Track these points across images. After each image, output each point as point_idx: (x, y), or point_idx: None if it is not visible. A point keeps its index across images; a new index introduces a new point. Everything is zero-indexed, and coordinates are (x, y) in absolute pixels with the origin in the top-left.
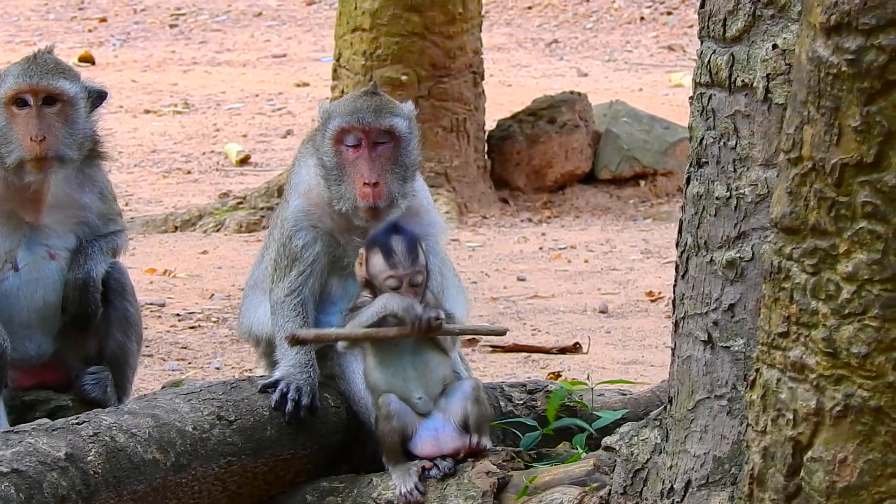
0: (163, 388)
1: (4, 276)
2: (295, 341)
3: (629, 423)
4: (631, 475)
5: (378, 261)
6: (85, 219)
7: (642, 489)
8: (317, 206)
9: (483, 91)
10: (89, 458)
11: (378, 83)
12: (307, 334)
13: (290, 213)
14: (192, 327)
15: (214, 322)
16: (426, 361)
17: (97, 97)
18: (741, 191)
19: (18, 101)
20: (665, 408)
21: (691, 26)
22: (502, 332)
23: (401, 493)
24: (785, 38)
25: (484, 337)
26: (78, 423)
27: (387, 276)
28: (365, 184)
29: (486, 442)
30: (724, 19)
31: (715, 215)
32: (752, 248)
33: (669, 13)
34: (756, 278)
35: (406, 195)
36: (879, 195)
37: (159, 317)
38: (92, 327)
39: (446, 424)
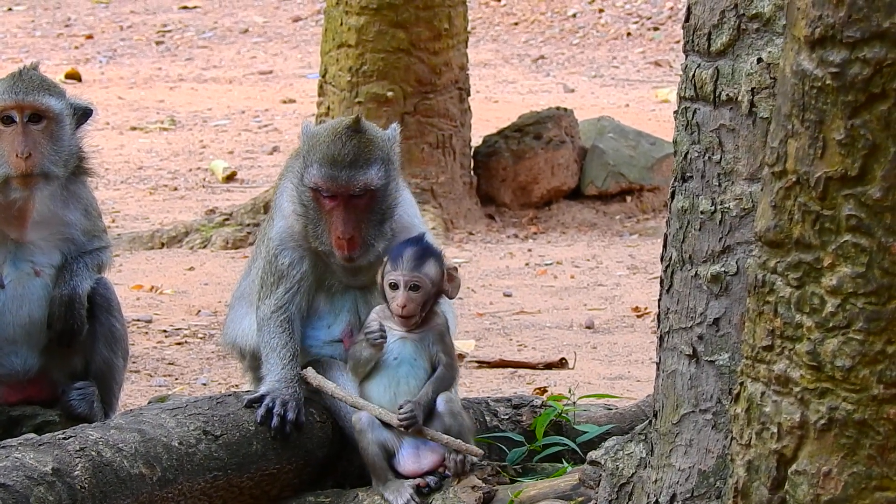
0: (149, 403)
1: None
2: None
3: (614, 437)
4: (616, 489)
5: (387, 264)
6: (70, 235)
7: (627, 503)
8: (301, 230)
9: (469, 107)
10: (76, 472)
11: (361, 117)
12: (314, 378)
13: (276, 234)
14: (178, 343)
15: (201, 338)
16: (420, 380)
17: (83, 114)
18: (726, 205)
19: (4, 117)
20: (650, 422)
21: (678, 42)
22: (479, 454)
23: None
24: (770, 52)
25: (469, 354)
26: (64, 438)
27: (388, 276)
28: (339, 238)
29: (470, 456)
30: (709, 33)
31: (699, 229)
32: (736, 263)
33: (656, 29)
34: (741, 292)
35: (384, 235)
36: (864, 209)
37: (146, 333)
38: (78, 343)
39: (427, 441)
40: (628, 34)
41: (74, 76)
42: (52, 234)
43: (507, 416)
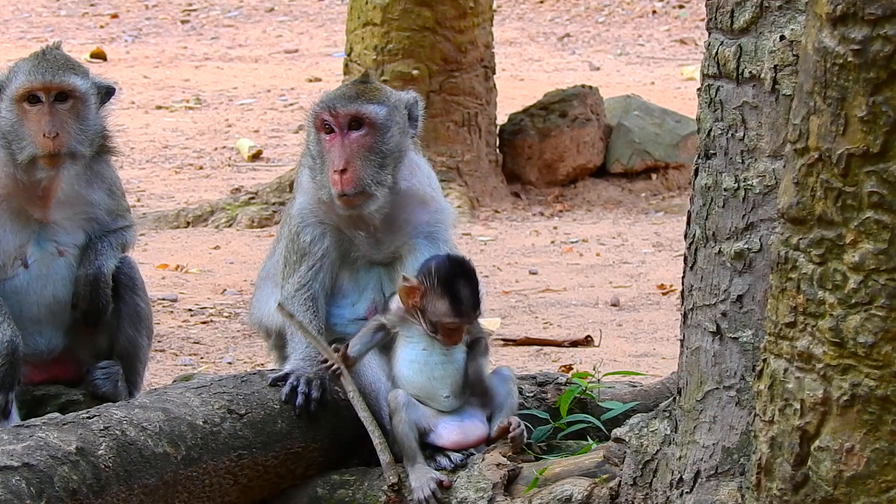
0: (174, 382)
1: (15, 273)
2: None
3: (639, 414)
4: (641, 466)
5: (443, 305)
6: (93, 215)
7: (652, 480)
8: (321, 203)
9: (494, 85)
10: (100, 451)
11: (371, 73)
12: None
13: (296, 210)
14: (204, 322)
15: (226, 317)
16: (456, 361)
17: (106, 93)
18: (749, 182)
19: (31, 97)
20: (674, 399)
21: (703, 20)
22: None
23: (417, 499)
24: (792, 29)
25: (495, 332)
26: (89, 418)
27: (448, 321)
28: (334, 171)
29: (522, 424)
30: (732, 11)
31: (723, 206)
32: (760, 239)
33: (681, 7)
34: (764, 269)
35: (383, 183)
36: (886, 185)
37: (171, 312)
38: (103, 323)
39: (472, 415)
40: (654, 12)
41: (100, 55)
42: (75, 214)
43: (532, 394)
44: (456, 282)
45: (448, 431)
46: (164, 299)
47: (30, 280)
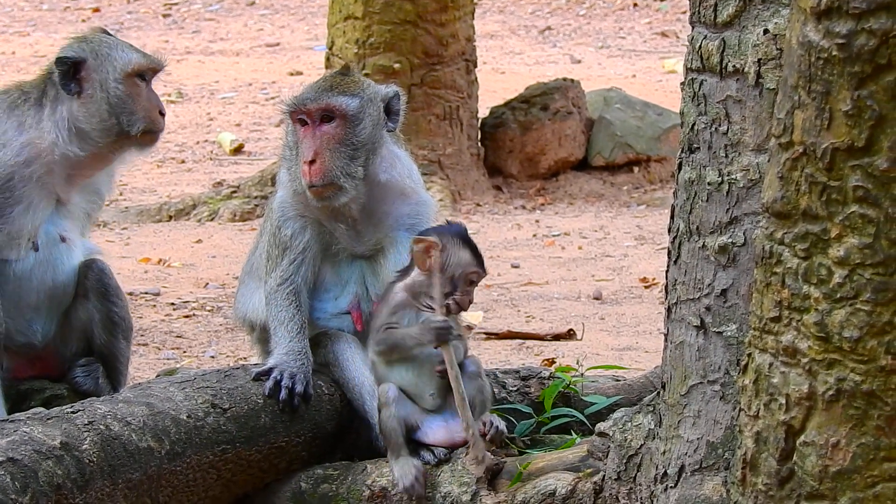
0: (157, 376)
1: (26, 255)
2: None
3: (623, 408)
4: (625, 461)
5: (466, 255)
6: (91, 208)
7: (636, 474)
8: (300, 196)
9: (476, 78)
10: (84, 446)
11: (352, 66)
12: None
13: (277, 204)
14: (186, 316)
15: (209, 311)
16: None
17: None
18: (733, 176)
19: (140, 75)
20: (658, 393)
21: (684, 12)
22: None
23: (403, 486)
24: (776, 23)
25: (477, 326)
26: (73, 412)
27: (472, 270)
28: (304, 162)
29: (497, 421)
30: (716, 4)
31: (707, 201)
32: (744, 234)
33: None
34: (748, 263)
35: (353, 175)
36: (870, 179)
37: (154, 306)
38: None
39: (455, 415)
40: (635, 5)
41: None
42: (86, 202)
43: (515, 388)
44: (467, 236)
45: (434, 431)
46: (146, 293)
47: (35, 264)
